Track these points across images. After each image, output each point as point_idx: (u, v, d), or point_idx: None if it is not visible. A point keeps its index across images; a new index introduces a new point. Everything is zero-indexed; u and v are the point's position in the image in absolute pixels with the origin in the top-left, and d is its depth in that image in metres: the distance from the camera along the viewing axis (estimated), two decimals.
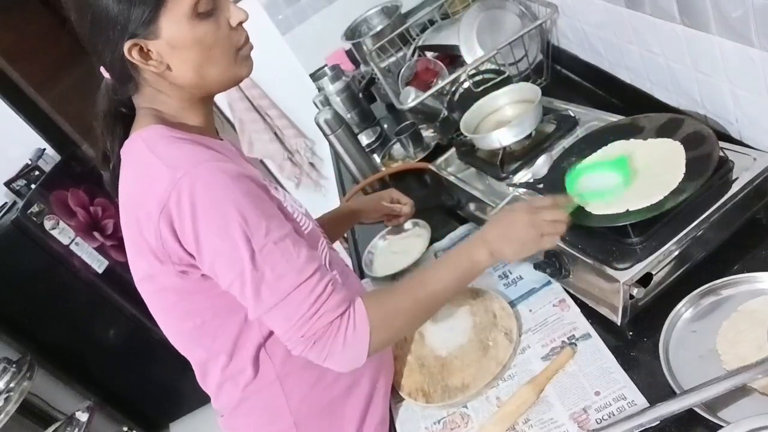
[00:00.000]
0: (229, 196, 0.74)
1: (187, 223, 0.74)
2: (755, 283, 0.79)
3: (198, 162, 0.75)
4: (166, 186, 0.73)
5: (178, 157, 0.77)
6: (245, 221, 0.74)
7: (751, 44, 0.79)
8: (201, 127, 0.87)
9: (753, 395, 0.68)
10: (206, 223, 0.74)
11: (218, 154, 0.80)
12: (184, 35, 0.77)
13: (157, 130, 0.80)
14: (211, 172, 0.75)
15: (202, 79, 0.82)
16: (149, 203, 0.75)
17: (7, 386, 2.23)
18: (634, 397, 0.77)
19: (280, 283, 0.75)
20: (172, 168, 0.75)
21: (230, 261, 0.75)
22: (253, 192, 0.77)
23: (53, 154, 2.64)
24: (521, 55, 1.44)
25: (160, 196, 0.74)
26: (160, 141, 0.79)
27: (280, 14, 2.34)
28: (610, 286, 0.83)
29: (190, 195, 0.73)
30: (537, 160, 1.12)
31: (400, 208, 1.28)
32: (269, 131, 2.71)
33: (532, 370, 0.90)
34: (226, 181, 0.75)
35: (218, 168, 0.76)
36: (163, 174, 0.75)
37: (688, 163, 0.86)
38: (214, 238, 0.74)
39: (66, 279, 2.36)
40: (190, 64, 0.79)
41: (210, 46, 0.79)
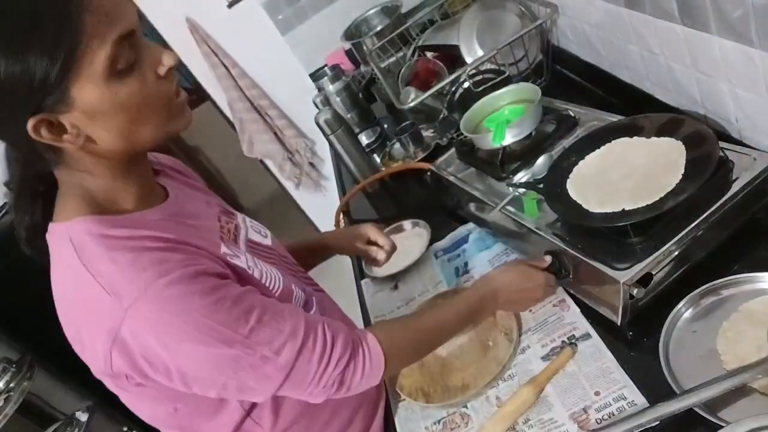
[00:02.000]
0: (192, 308, 0.65)
1: (151, 355, 0.66)
2: (755, 283, 0.79)
3: (145, 284, 0.64)
4: (114, 317, 0.64)
5: (119, 280, 0.65)
6: (219, 323, 0.66)
7: (751, 44, 0.79)
8: (137, 197, 0.75)
9: (753, 395, 0.68)
10: (176, 347, 0.66)
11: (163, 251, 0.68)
12: (102, 100, 0.63)
13: (86, 226, 0.68)
14: (162, 294, 0.64)
15: (132, 144, 0.69)
16: (93, 331, 0.67)
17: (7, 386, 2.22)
18: (634, 397, 0.77)
19: (281, 357, 0.70)
20: (116, 296, 0.64)
21: (218, 366, 0.68)
22: (213, 285, 0.68)
23: None
24: (521, 55, 1.44)
25: (109, 327, 0.65)
26: (94, 250, 0.66)
27: (280, 14, 2.34)
28: (610, 286, 0.83)
29: (147, 325, 0.64)
30: (537, 160, 1.12)
31: (376, 251, 1.15)
32: (269, 131, 2.71)
33: (532, 370, 0.90)
34: (181, 293, 0.65)
35: (169, 283, 0.65)
36: (106, 303, 0.64)
37: (688, 163, 0.86)
38: (191, 359, 0.67)
39: None
40: (115, 131, 0.66)
41: (137, 106, 0.66)
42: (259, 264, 0.84)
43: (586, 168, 0.98)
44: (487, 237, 1.21)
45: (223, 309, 0.67)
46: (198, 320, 0.66)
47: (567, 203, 0.94)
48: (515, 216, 1.03)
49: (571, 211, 0.92)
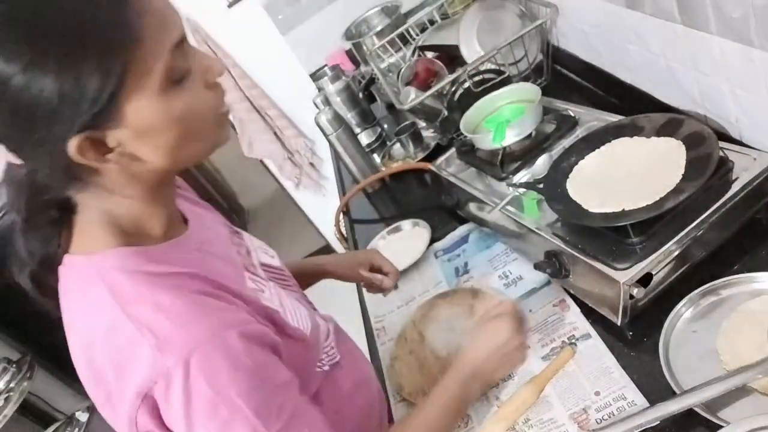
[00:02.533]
0: (234, 386, 0.58)
1: (178, 420, 0.58)
2: (755, 283, 0.79)
3: (195, 342, 0.57)
4: (150, 372, 0.57)
5: (165, 330, 0.57)
6: (254, 412, 0.58)
7: (751, 44, 0.79)
8: (165, 224, 0.69)
9: (753, 395, 0.68)
10: (206, 420, 0.58)
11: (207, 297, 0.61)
12: (155, 115, 0.57)
13: (118, 261, 0.61)
14: (211, 358, 0.57)
15: (177, 161, 0.63)
16: (123, 382, 0.59)
17: (7, 386, 2.23)
18: (634, 397, 0.77)
19: None
20: (159, 350, 0.56)
21: None
22: (260, 362, 0.61)
23: None
24: (521, 55, 1.44)
25: (141, 381, 0.57)
26: (131, 290, 0.59)
27: (280, 14, 2.34)
28: (610, 286, 0.83)
29: (184, 389, 0.56)
30: (537, 160, 1.12)
31: (381, 279, 1.09)
32: (269, 131, 2.71)
33: (532, 370, 0.90)
34: (230, 365, 0.58)
35: (220, 347, 0.58)
36: (146, 354, 0.56)
37: (688, 163, 0.86)
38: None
39: None
40: (164, 148, 0.60)
41: (189, 120, 0.60)
42: (282, 296, 0.77)
43: (586, 168, 0.98)
44: (487, 237, 1.21)
45: (262, 400, 0.60)
46: (235, 407, 0.58)
47: (567, 203, 0.94)
48: (515, 216, 1.03)
49: (571, 211, 0.92)
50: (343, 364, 0.86)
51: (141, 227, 0.66)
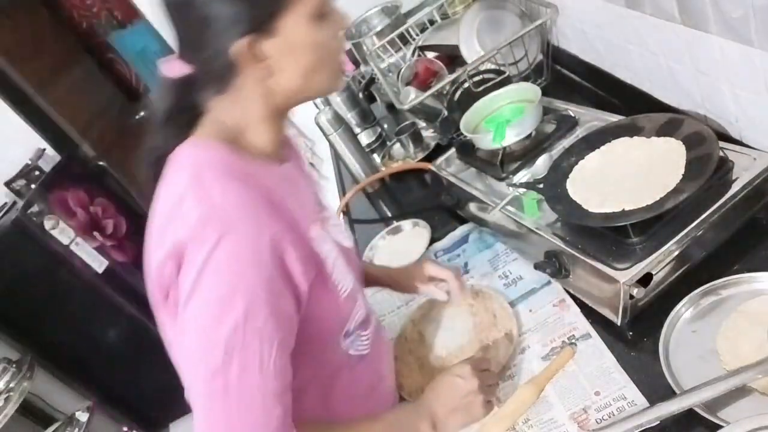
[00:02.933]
0: (245, 279, 0.64)
1: (187, 283, 0.65)
2: (755, 283, 0.79)
3: (235, 227, 0.64)
4: (189, 233, 0.65)
5: (217, 207, 0.65)
6: (245, 308, 0.64)
7: (751, 44, 0.79)
8: (267, 148, 0.77)
9: (753, 395, 0.68)
10: (208, 291, 0.64)
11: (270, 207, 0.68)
12: (304, 37, 0.69)
13: (213, 153, 0.70)
14: (240, 245, 0.64)
15: (305, 87, 0.74)
16: (166, 234, 0.67)
17: (7, 386, 2.23)
18: (634, 397, 0.77)
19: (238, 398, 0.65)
20: (205, 220, 0.64)
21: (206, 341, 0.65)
22: (274, 289, 0.66)
23: (53, 154, 2.64)
24: (521, 55, 1.44)
25: (179, 238, 0.65)
26: (209, 172, 0.68)
27: None
28: (610, 286, 0.83)
29: (205, 259, 0.63)
30: (537, 160, 1.12)
31: (437, 291, 1.03)
32: None
33: (532, 370, 0.90)
34: (250, 261, 0.64)
35: (249, 243, 0.65)
36: (194, 219, 0.65)
37: (688, 163, 0.86)
38: (203, 308, 0.65)
39: (66, 279, 2.36)
40: (302, 69, 0.71)
41: (324, 52, 0.72)
42: (337, 261, 0.80)
43: (586, 168, 0.98)
44: (487, 237, 1.21)
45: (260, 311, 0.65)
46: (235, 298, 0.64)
47: (567, 203, 0.94)
48: (515, 216, 1.03)
49: (571, 211, 0.92)
50: (369, 361, 0.87)
51: (251, 141, 0.75)
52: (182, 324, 0.67)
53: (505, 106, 1.25)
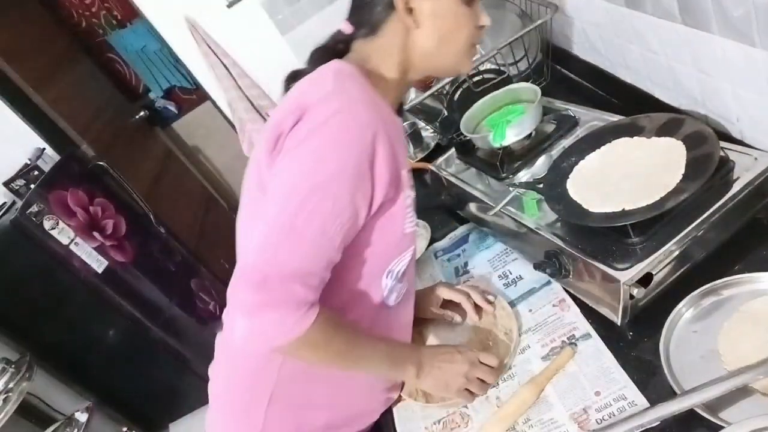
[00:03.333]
0: (343, 153, 0.74)
1: (303, 130, 0.75)
2: (756, 283, 0.79)
3: (355, 106, 0.76)
4: (318, 98, 0.76)
5: (347, 90, 0.77)
6: (332, 177, 0.73)
7: (752, 44, 0.79)
8: (390, 95, 0.87)
9: (754, 396, 0.68)
10: (313, 145, 0.74)
11: (380, 119, 0.78)
12: (451, 7, 0.82)
13: (352, 69, 0.81)
14: (351, 124, 0.74)
15: (436, 52, 0.85)
16: (298, 100, 0.78)
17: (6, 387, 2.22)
18: (634, 398, 0.77)
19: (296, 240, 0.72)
20: (335, 93, 0.76)
21: (291, 184, 0.74)
22: (360, 174, 0.75)
23: (52, 154, 2.63)
24: (521, 55, 1.44)
25: (299, 104, 0.77)
26: (347, 77, 0.80)
27: (280, 14, 2.34)
28: (610, 286, 0.82)
29: (316, 125, 0.74)
30: (537, 160, 1.12)
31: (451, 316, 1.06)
32: None
33: (532, 370, 0.89)
34: (354, 140, 0.74)
35: (360, 126, 0.75)
36: (318, 94, 0.77)
37: (689, 163, 0.85)
38: (302, 157, 0.74)
39: (65, 279, 2.35)
40: (438, 33, 0.83)
41: (460, 26, 0.84)
42: (410, 207, 0.87)
43: (586, 168, 0.98)
44: (487, 237, 1.21)
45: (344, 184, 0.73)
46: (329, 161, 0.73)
47: (567, 203, 0.94)
48: (515, 216, 1.02)
49: (571, 211, 0.92)
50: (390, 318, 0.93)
51: (377, 80, 0.84)
52: (279, 166, 0.76)
53: (505, 106, 1.25)
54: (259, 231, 0.74)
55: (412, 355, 0.90)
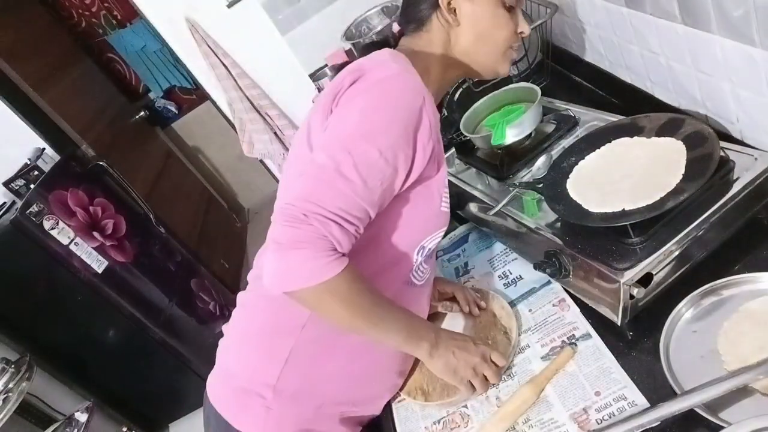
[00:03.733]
0: (391, 113, 0.78)
1: (359, 87, 0.80)
2: (756, 283, 0.79)
3: (408, 75, 0.81)
4: (375, 64, 0.82)
5: (401, 62, 0.83)
6: (377, 132, 0.77)
7: (752, 43, 0.79)
8: (433, 87, 0.91)
9: (754, 396, 0.68)
10: (365, 102, 0.79)
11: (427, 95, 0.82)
12: (490, 10, 0.89)
13: (404, 57, 0.86)
14: (402, 89, 0.79)
15: (474, 51, 0.92)
16: (357, 67, 0.83)
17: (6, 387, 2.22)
18: (634, 398, 0.77)
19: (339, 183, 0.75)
20: (390, 59, 0.83)
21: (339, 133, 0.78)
22: (404, 137, 0.78)
23: (52, 154, 2.63)
24: (521, 55, 1.44)
25: (366, 65, 0.82)
26: (401, 57, 0.85)
27: (280, 14, 2.34)
28: (610, 286, 0.82)
29: (379, 80, 0.79)
30: (537, 160, 1.12)
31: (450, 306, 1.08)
32: (269, 131, 2.70)
33: (532, 370, 0.89)
34: (404, 104, 0.78)
35: (410, 93, 0.79)
36: (382, 57, 0.84)
37: (689, 163, 0.85)
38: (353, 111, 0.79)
39: (65, 279, 2.35)
40: (476, 32, 0.90)
41: (498, 28, 0.90)
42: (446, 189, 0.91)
43: (586, 168, 0.98)
44: (487, 237, 1.21)
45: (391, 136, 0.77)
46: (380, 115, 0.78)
47: (567, 203, 0.94)
48: (515, 216, 1.02)
49: (571, 211, 0.92)
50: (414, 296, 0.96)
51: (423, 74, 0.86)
52: (332, 119, 0.81)
53: (505, 106, 1.24)
54: (306, 174, 0.77)
55: (430, 333, 0.90)
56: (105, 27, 3.70)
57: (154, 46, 3.68)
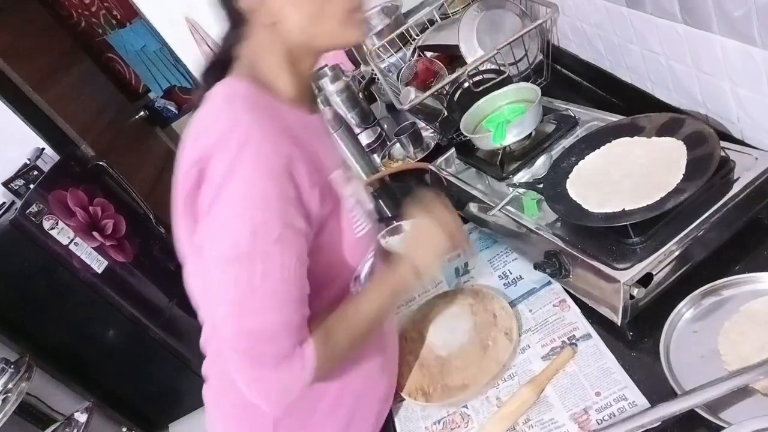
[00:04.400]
0: (261, 192, 0.70)
1: (213, 184, 0.71)
2: (757, 283, 0.79)
3: (254, 138, 0.71)
4: (216, 142, 0.71)
5: (242, 121, 0.72)
6: (264, 221, 0.70)
7: (753, 43, 0.79)
8: (291, 93, 0.82)
9: (755, 396, 0.68)
10: (230, 196, 0.70)
11: (288, 135, 0.74)
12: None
13: (243, 88, 0.77)
14: (257, 159, 0.70)
15: (314, 32, 0.79)
16: (196, 147, 0.74)
17: (5, 387, 2.22)
18: (635, 398, 0.77)
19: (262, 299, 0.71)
20: (229, 130, 0.71)
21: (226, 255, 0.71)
22: (287, 204, 0.72)
23: (52, 154, 2.63)
24: (521, 55, 1.44)
25: (207, 145, 0.72)
26: (239, 99, 0.75)
27: None
28: (610, 286, 0.82)
29: (229, 164, 0.70)
30: (537, 160, 1.12)
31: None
32: None
33: (532, 370, 0.89)
34: (267, 173, 0.70)
35: (267, 156, 0.71)
36: (220, 129, 0.72)
37: (689, 163, 0.85)
38: (225, 214, 0.71)
39: (65, 279, 2.36)
40: (302, 15, 0.77)
41: (324, 2, 0.77)
42: (357, 206, 0.86)
43: (586, 168, 0.98)
44: (487, 237, 1.21)
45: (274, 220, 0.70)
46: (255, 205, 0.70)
47: (567, 203, 0.93)
48: (515, 216, 1.02)
49: (571, 211, 0.92)
50: None
51: (273, 83, 0.80)
52: (208, 233, 0.73)
53: (505, 106, 1.24)
54: (223, 303, 0.72)
55: (402, 275, 0.87)
56: (105, 27, 3.70)
57: (154, 46, 3.68)
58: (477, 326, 1.01)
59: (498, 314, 1.00)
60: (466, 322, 1.03)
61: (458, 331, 1.03)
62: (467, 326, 1.02)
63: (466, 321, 1.04)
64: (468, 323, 1.03)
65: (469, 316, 1.04)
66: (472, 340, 0.99)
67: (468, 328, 1.02)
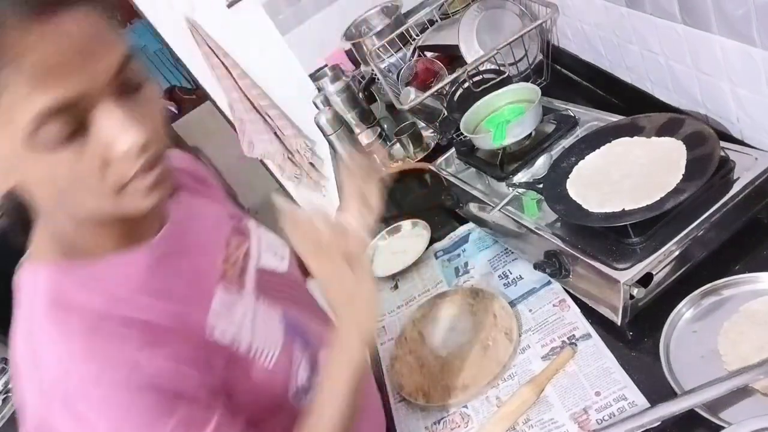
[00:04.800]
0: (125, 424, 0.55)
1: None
2: (757, 283, 0.79)
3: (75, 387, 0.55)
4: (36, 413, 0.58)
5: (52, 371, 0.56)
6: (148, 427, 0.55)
7: (752, 43, 0.79)
8: (118, 236, 0.63)
9: (755, 396, 0.68)
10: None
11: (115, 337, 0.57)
12: (15, 162, 0.51)
13: (48, 278, 0.59)
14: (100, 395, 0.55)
15: (74, 212, 0.59)
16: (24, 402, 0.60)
17: (6, 387, 2.22)
18: (634, 398, 0.77)
19: None
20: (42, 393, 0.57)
21: None
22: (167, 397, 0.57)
23: None
24: (521, 55, 1.44)
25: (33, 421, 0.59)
26: (44, 311, 0.57)
27: (280, 14, 2.34)
28: (610, 286, 0.82)
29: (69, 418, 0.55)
30: (537, 160, 1.12)
31: None
32: (269, 131, 2.70)
33: (532, 370, 0.89)
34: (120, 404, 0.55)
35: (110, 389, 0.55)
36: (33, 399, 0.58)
37: (689, 163, 0.85)
38: None
39: None
40: (45, 201, 0.57)
41: (63, 184, 0.53)
42: (257, 314, 0.73)
43: (586, 168, 0.98)
44: (487, 237, 1.21)
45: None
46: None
47: (567, 203, 0.94)
48: (515, 216, 1.02)
49: (571, 211, 0.92)
50: None
51: (82, 240, 0.62)
52: None
53: (505, 106, 1.24)
54: None
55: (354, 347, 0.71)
56: None
57: (154, 46, 3.68)
58: (477, 326, 1.01)
59: (498, 314, 1.00)
60: (466, 322, 1.04)
61: (458, 331, 1.03)
62: (467, 326, 1.03)
63: (466, 321, 1.04)
64: (468, 323, 1.03)
65: (469, 316, 1.04)
66: (471, 340, 0.99)
67: (468, 328, 1.02)
